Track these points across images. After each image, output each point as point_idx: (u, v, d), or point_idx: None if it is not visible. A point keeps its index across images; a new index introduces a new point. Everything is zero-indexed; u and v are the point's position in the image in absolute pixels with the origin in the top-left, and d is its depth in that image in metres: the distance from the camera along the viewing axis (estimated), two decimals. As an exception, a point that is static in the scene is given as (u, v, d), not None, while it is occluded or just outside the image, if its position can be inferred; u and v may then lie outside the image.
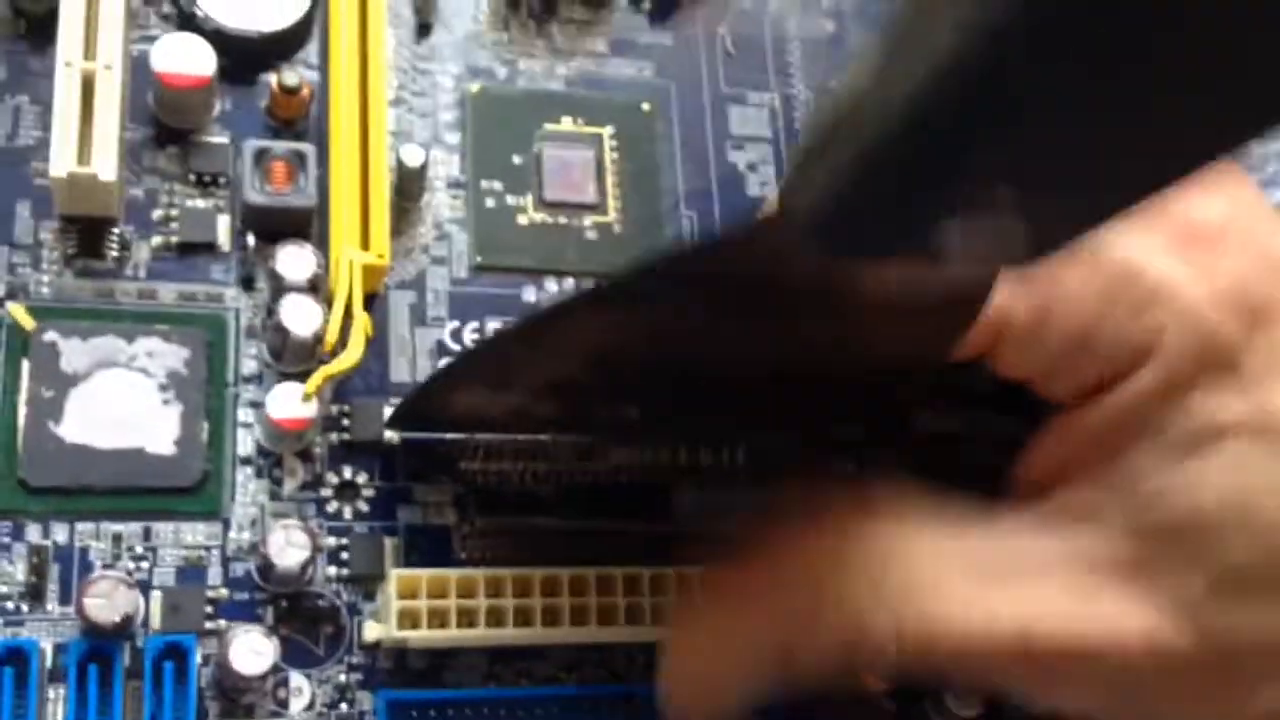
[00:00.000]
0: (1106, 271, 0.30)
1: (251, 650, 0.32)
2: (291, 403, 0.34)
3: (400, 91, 0.40)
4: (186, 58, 0.36)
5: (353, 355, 0.34)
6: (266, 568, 0.33)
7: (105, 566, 0.33)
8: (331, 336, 0.34)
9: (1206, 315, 0.29)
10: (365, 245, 0.36)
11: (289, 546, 0.33)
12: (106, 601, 0.31)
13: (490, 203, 0.39)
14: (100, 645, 0.32)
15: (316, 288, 0.36)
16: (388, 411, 0.36)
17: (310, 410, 0.35)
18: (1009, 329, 0.30)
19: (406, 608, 0.34)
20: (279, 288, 0.35)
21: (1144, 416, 0.30)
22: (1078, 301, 0.30)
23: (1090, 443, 0.31)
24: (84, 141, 0.34)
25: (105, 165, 0.34)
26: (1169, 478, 0.29)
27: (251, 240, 0.37)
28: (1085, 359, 0.30)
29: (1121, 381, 0.30)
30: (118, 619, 0.31)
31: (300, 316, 0.35)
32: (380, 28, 0.38)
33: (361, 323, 0.34)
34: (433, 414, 0.35)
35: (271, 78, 0.38)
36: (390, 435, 0.36)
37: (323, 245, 0.37)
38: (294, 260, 0.35)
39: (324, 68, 0.39)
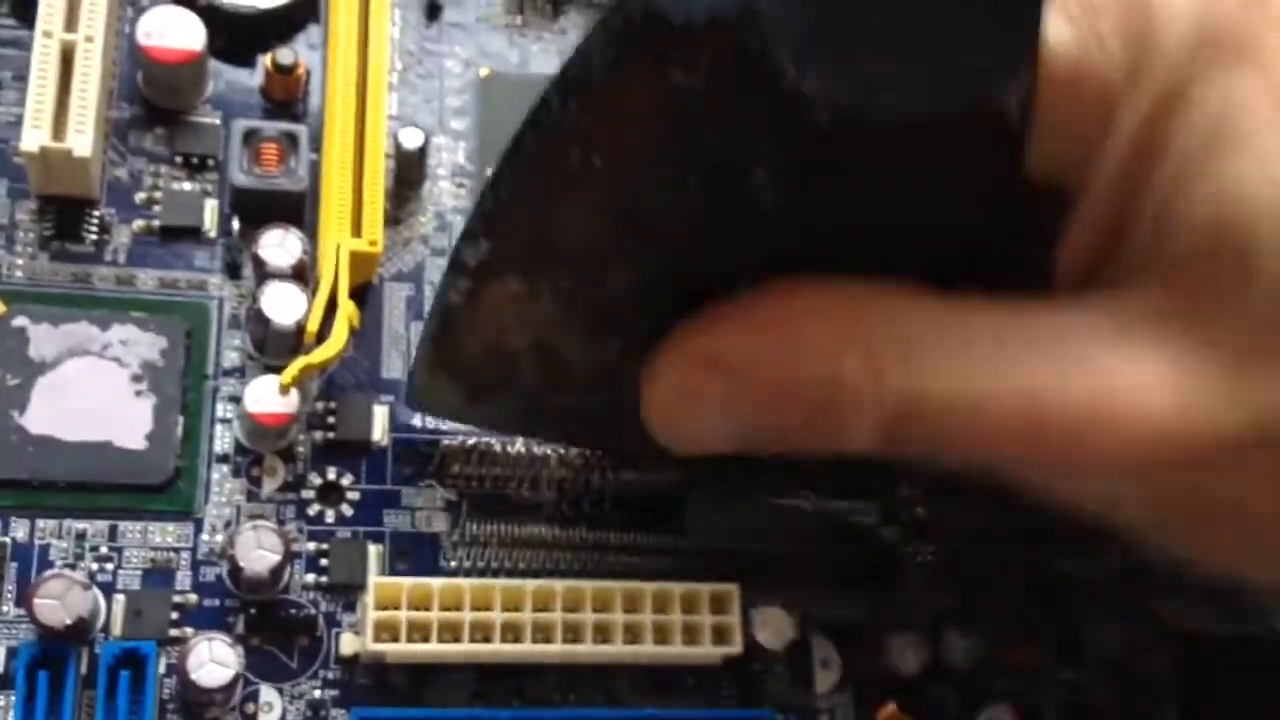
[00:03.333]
0: None
1: (213, 660, 0.30)
2: (271, 396, 0.32)
3: (405, 74, 0.38)
4: (174, 31, 0.34)
5: (334, 345, 0.32)
6: (235, 572, 0.31)
7: (66, 567, 0.31)
8: (313, 325, 0.32)
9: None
10: (357, 231, 0.34)
11: (259, 550, 0.31)
12: (59, 603, 0.29)
13: (497, 192, 0.37)
14: (53, 649, 0.30)
15: (302, 275, 0.33)
16: (377, 410, 0.34)
17: (291, 405, 0.32)
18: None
19: (384, 619, 0.31)
20: (262, 274, 0.33)
21: (1154, 139, 0.24)
22: (1054, 32, 0.25)
23: (1112, 201, 0.25)
24: (60, 116, 0.33)
25: (81, 141, 0.32)
26: (1192, 193, 0.24)
27: (237, 225, 0.34)
28: (1082, 97, 0.25)
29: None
30: (69, 621, 0.29)
31: (282, 304, 0.33)
32: (384, 7, 0.36)
33: (346, 311, 0.32)
34: (451, 358, 0.31)
35: (268, 55, 0.36)
36: (379, 436, 0.34)
37: (314, 232, 0.34)
38: (278, 245, 0.33)
39: (325, 48, 0.37)
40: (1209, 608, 0.36)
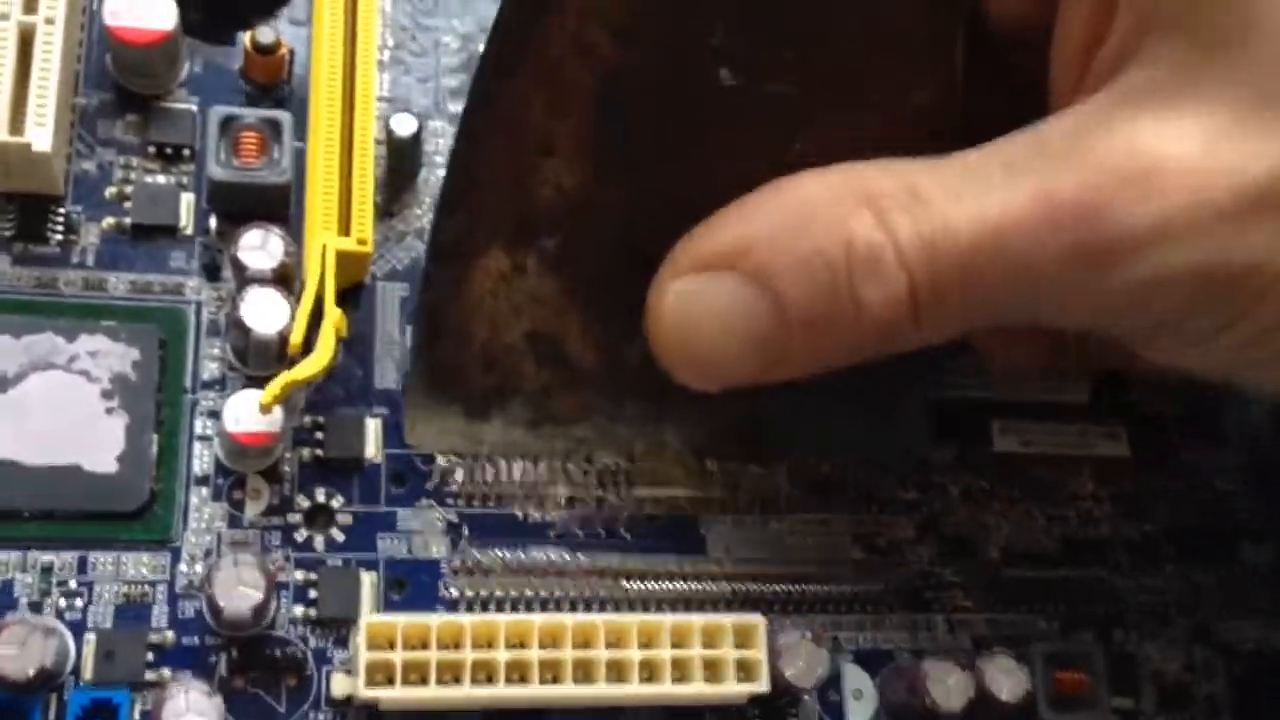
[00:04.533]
0: None
1: (191, 711, 0.27)
2: (252, 415, 0.29)
3: (397, 52, 0.35)
4: (144, 9, 0.31)
5: (320, 359, 0.29)
6: (214, 611, 0.28)
7: (32, 604, 0.29)
8: (297, 337, 0.29)
9: None
10: (345, 229, 0.31)
11: (240, 587, 0.28)
12: (19, 652, 0.26)
13: (498, 181, 0.34)
14: (13, 701, 0.27)
15: (286, 279, 0.31)
16: (370, 424, 0.31)
17: (274, 424, 0.30)
18: None
19: (378, 660, 0.28)
20: (243, 279, 0.30)
21: None
22: None
23: None
24: (18, 107, 0.30)
25: (40, 135, 0.29)
26: None
27: (215, 223, 0.31)
28: None
29: None
30: (31, 673, 0.26)
31: (264, 312, 0.30)
32: (374, -23, 0.32)
33: (332, 320, 0.29)
34: (447, 374, 0.29)
35: (247, 34, 0.33)
36: (372, 453, 0.31)
37: (300, 228, 0.31)
38: (259, 247, 0.30)
39: (310, 24, 0.34)
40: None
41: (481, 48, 0.34)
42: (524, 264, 0.26)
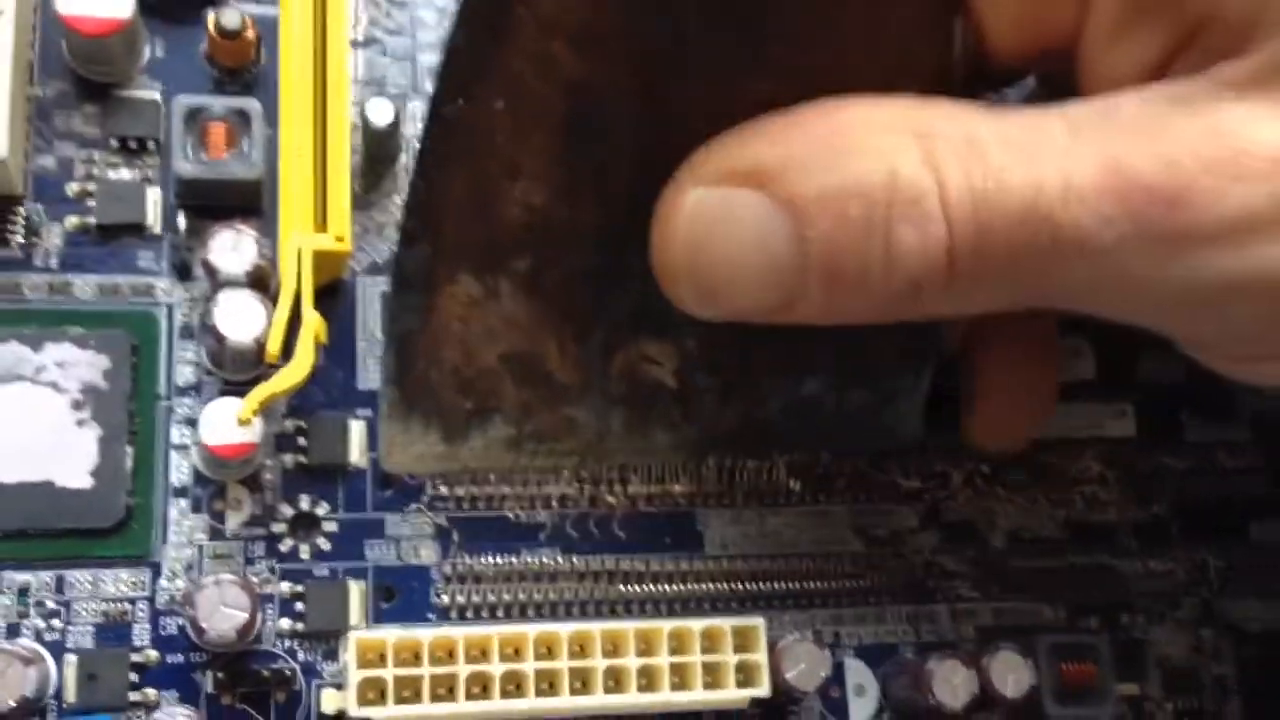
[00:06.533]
0: None
1: (177, 734, 0.26)
2: (229, 425, 0.28)
3: (371, 29, 0.33)
4: (98, -4, 0.29)
5: (300, 369, 0.28)
6: (197, 633, 0.27)
7: (9, 626, 0.28)
8: (274, 346, 0.28)
9: None
10: (321, 225, 0.29)
11: (223, 608, 0.27)
12: (-3, 683, 0.26)
13: (481, 165, 0.33)
14: (-6, 733, 0.26)
15: (261, 282, 0.29)
16: (353, 427, 0.30)
17: (254, 434, 0.28)
18: None
19: (369, 678, 0.28)
20: (215, 283, 0.29)
21: None
22: None
23: (1130, 7, 0.23)
24: (-31, 106, 0.28)
25: (-6, 137, 0.28)
26: None
27: (184, 222, 0.30)
28: None
29: None
30: (12, 704, 0.26)
31: (238, 318, 0.29)
32: (343, -51, 0.31)
33: (312, 327, 0.28)
34: (424, 397, 0.27)
35: (210, 16, 0.31)
36: (356, 457, 0.30)
37: (273, 222, 0.30)
38: (231, 249, 0.29)
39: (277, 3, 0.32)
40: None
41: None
42: (495, 288, 0.24)
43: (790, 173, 0.22)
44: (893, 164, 0.22)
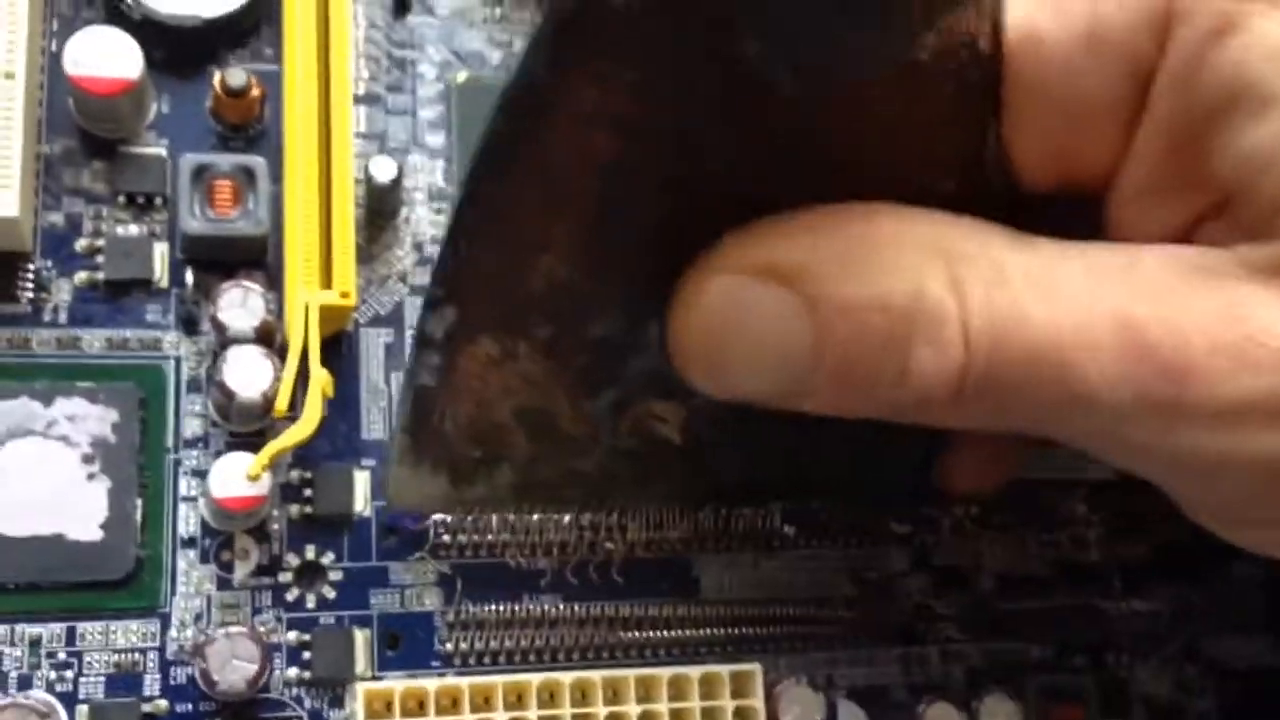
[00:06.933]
0: None
1: (189, 788, 0.27)
2: (238, 480, 0.29)
3: (372, 85, 0.34)
4: (106, 57, 0.30)
5: (308, 426, 0.28)
6: (208, 684, 0.28)
7: (21, 677, 0.28)
8: (282, 403, 0.28)
9: None
10: (327, 282, 0.30)
11: (234, 660, 0.28)
12: (11, 738, 0.26)
13: (480, 217, 0.33)
14: (9, 786, 0.27)
15: (268, 337, 0.30)
16: (358, 477, 0.31)
17: (261, 488, 0.29)
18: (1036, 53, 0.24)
19: (376, 728, 0.28)
20: (223, 339, 0.30)
21: (1200, 92, 0.23)
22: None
23: (1163, 176, 0.24)
24: (-20, 167, 0.28)
25: (6, 199, 0.28)
26: (1266, 135, 0.22)
27: (191, 278, 0.31)
28: (1104, 66, 0.23)
29: (1157, 73, 0.23)
30: (27, 756, 0.26)
31: (246, 374, 0.29)
32: (345, 9, 0.31)
33: (320, 384, 0.29)
34: (432, 445, 0.28)
35: (216, 75, 0.32)
36: (361, 506, 0.31)
37: (278, 277, 0.31)
38: (239, 306, 0.30)
39: (281, 62, 0.32)
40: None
41: (459, 77, 0.34)
42: (514, 350, 0.25)
43: (817, 276, 0.23)
44: (919, 283, 0.22)
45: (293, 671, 0.30)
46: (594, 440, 0.28)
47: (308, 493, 0.30)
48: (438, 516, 0.31)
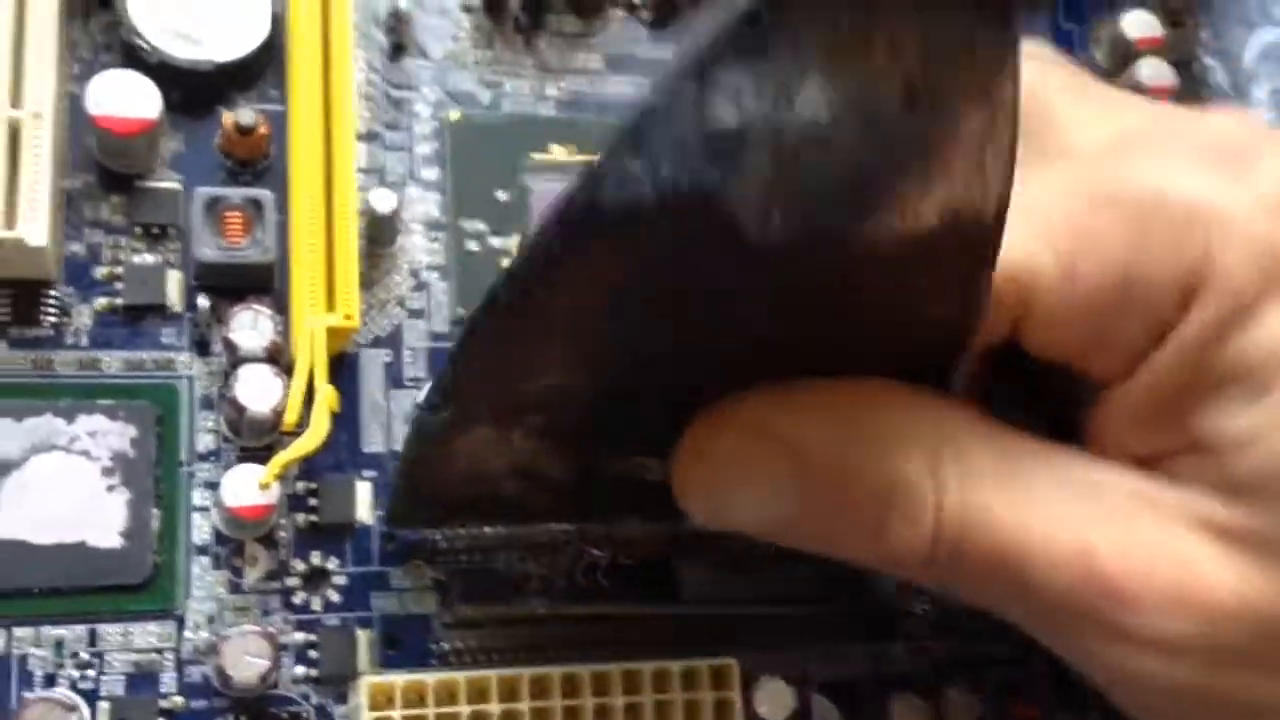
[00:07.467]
0: (1132, 204, 0.25)
1: (205, 776, 0.29)
2: (249, 490, 0.31)
3: (371, 124, 0.36)
4: (127, 99, 0.32)
5: (315, 438, 0.30)
6: (223, 680, 0.30)
7: (46, 676, 0.30)
8: (291, 417, 0.30)
9: (1257, 223, 0.24)
10: (331, 306, 0.32)
11: (246, 657, 0.30)
12: (40, 730, 0.28)
13: (473, 245, 0.36)
14: (37, 776, 0.29)
15: (276, 357, 0.32)
16: (360, 487, 0.33)
17: (271, 497, 0.31)
18: (1036, 287, 0.26)
19: (380, 718, 0.30)
20: (235, 358, 0.32)
21: (1206, 362, 0.25)
22: (1107, 243, 0.25)
23: (1150, 414, 0.26)
24: (10, 201, 0.31)
25: (35, 229, 0.30)
26: (1251, 422, 0.25)
27: (204, 302, 0.33)
28: (1128, 312, 0.26)
29: (1173, 330, 0.25)
30: (54, 749, 0.28)
31: (257, 391, 0.31)
32: (346, 53, 0.34)
33: (326, 399, 0.31)
34: (429, 487, 0.31)
35: (226, 115, 0.34)
36: (363, 515, 0.33)
37: (284, 301, 0.33)
38: (250, 327, 0.32)
39: (285, 103, 0.35)
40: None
41: (452, 115, 0.36)
42: (509, 435, 0.28)
43: (812, 446, 0.26)
44: (903, 470, 0.25)
45: (300, 669, 0.32)
46: (583, 484, 0.30)
47: (313, 502, 0.33)
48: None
